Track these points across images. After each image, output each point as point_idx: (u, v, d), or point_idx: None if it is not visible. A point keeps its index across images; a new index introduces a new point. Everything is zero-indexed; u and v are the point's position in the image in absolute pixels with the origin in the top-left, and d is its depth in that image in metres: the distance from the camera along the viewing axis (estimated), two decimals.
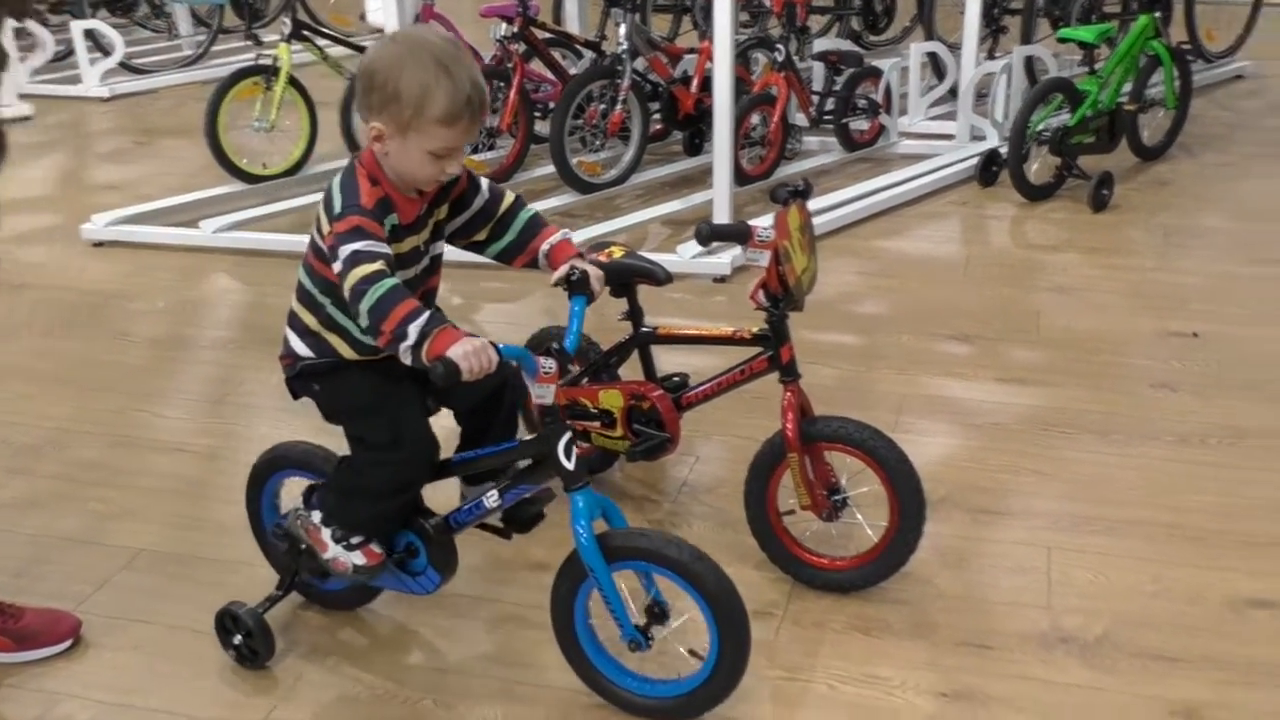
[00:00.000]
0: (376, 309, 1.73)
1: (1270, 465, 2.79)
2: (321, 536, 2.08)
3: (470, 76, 1.78)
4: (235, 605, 2.19)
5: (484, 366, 1.71)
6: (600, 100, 4.80)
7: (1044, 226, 4.52)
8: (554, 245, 2.01)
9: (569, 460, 1.89)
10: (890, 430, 2.35)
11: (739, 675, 1.94)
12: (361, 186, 1.82)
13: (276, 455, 2.28)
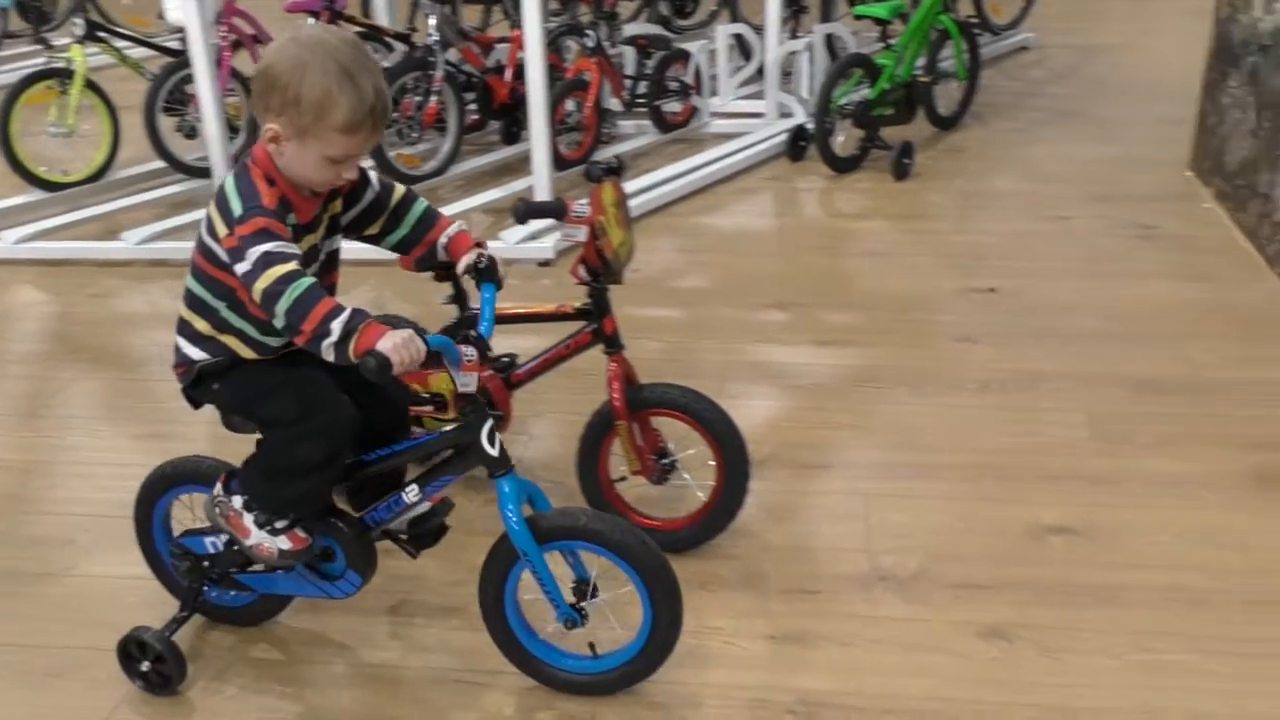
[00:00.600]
0: (295, 309, 1.70)
1: (1063, 404, 3.01)
2: (244, 522, 2.01)
3: (375, 84, 1.75)
4: (140, 630, 2.11)
5: (414, 357, 1.70)
6: (414, 93, 4.79)
7: (852, 196, 4.73)
8: (452, 237, 2.02)
9: (493, 446, 1.89)
10: (715, 397, 2.45)
11: (674, 640, 1.99)
12: (259, 187, 1.79)
13: (169, 472, 2.19)
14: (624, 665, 2.04)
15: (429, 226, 2.02)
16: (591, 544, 1.94)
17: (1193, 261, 3.90)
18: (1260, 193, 3.84)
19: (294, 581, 2.11)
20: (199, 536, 2.14)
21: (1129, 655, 2.13)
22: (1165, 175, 4.72)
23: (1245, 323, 3.42)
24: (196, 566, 2.14)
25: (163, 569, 2.26)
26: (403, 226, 2.01)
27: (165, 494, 2.20)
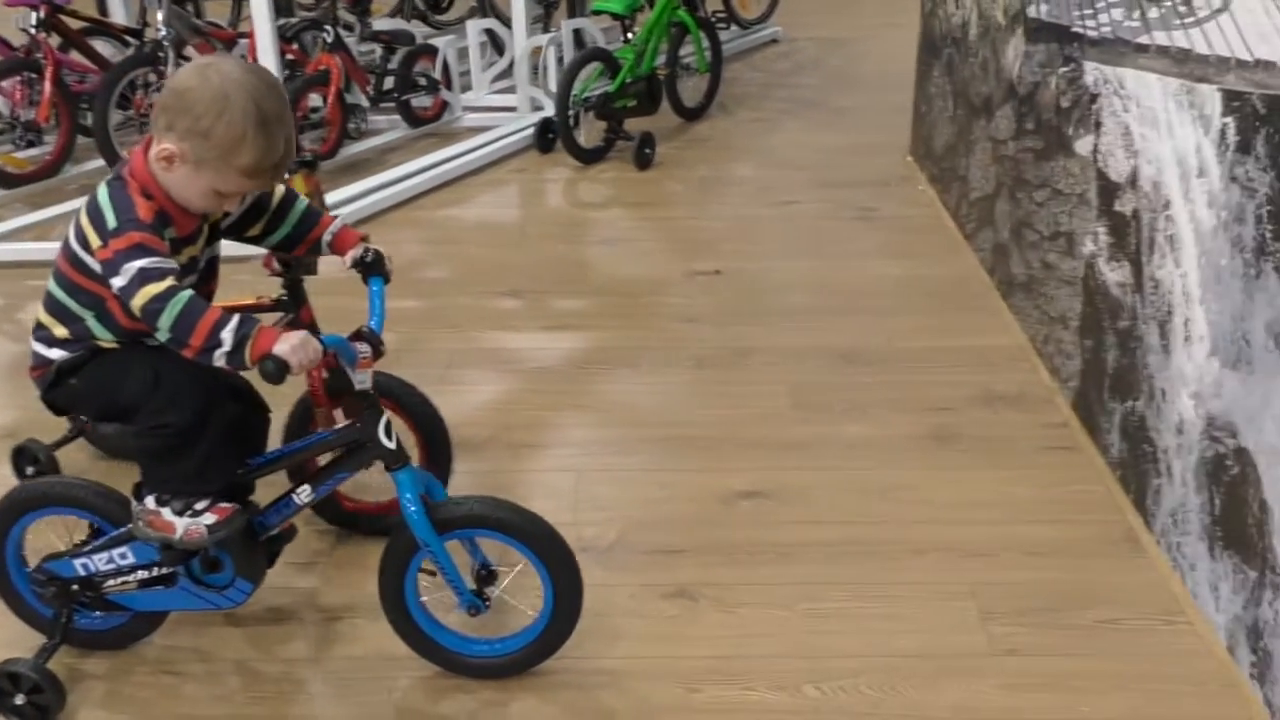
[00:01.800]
0: (180, 324, 1.69)
1: (769, 378, 3.21)
2: (164, 517, 1.94)
3: (286, 136, 1.77)
4: (10, 663, 2.01)
5: (311, 358, 1.71)
6: (147, 88, 4.68)
7: (595, 186, 4.87)
8: (336, 234, 2.03)
9: (390, 440, 1.92)
10: (437, 383, 2.53)
11: (577, 615, 2.05)
12: (135, 200, 1.75)
13: (22, 497, 2.09)
14: (529, 645, 2.08)
15: (311, 225, 2.03)
16: (490, 530, 1.99)
17: (903, 241, 4.19)
18: (960, 175, 4.15)
19: (177, 596, 2.06)
20: (67, 559, 2.06)
21: (798, 605, 2.30)
22: (889, 161, 5.03)
23: (941, 297, 3.70)
24: (64, 591, 2.06)
25: (20, 602, 2.16)
26: (284, 226, 2.01)
27: (18, 520, 2.10)
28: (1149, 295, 2.48)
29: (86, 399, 1.96)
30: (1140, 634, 2.23)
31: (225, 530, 1.96)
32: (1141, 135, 2.52)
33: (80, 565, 2.05)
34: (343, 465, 2.00)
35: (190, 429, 1.88)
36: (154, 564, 2.03)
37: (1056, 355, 3.07)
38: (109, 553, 2.04)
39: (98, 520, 2.08)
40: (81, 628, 2.13)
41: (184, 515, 1.94)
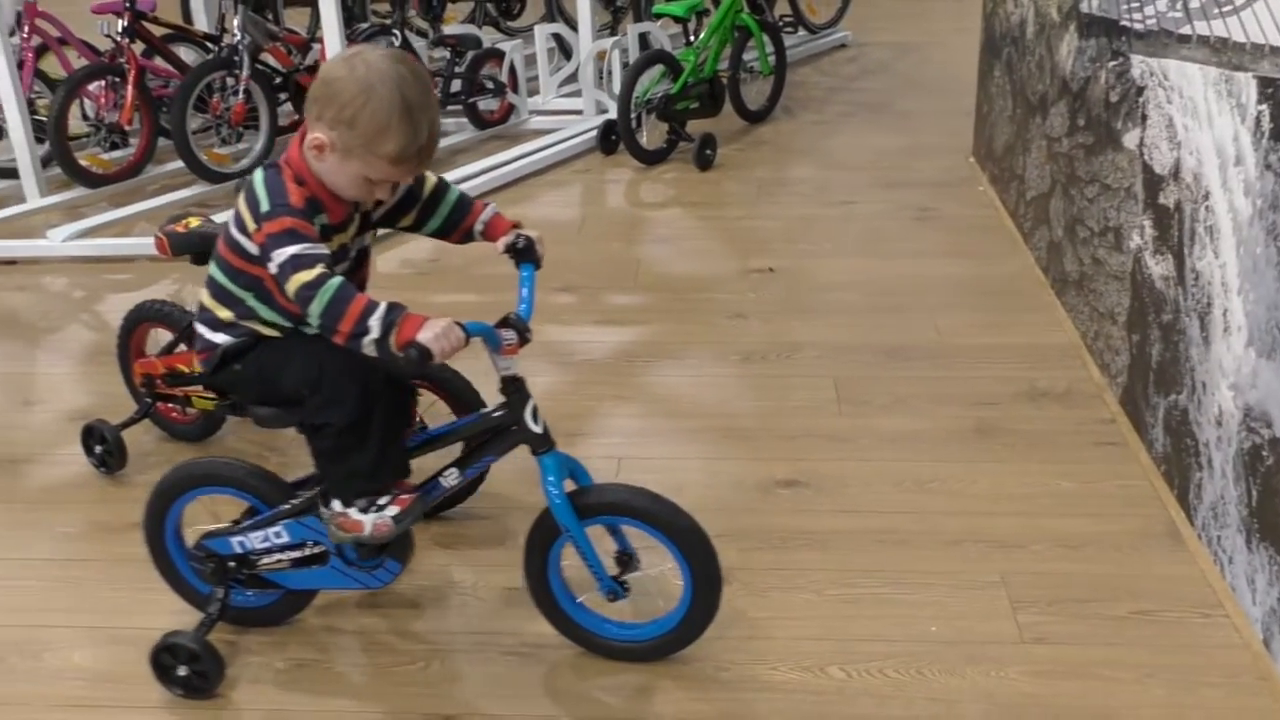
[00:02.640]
0: (329, 311, 1.73)
1: (815, 372, 3.23)
2: (352, 518, 1.99)
3: (430, 122, 1.78)
4: (171, 636, 2.07)
5: (454, 345, 1.72)
6: (223, 92, 4.84)
7: (655, 186, 4.93)
8: (488, 221, 2.06)
9: (537, 424, 1.95)
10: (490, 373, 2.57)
11: (715, 608, 2.06)
12: (288, 186, 1.80)
13: (181, 476, 2.14)
14: (668, 633, 2.10)
15: (464, 213, 2.06)
16: (632, 519, 2.01)
17: (960, 240, 4.17)
18: (1017, 174, 4.13)
19: (328, 575, 2.11)
20: (224, 537, 2.12)
21: (828, 590, 2.33)
22: (950, 162, 5.01)
23: (994, 294, 3.68)
24: (221, 568, 2.12)
25: (178, 578, 2.23)
26: (436, 218, 2.05)
27: (177, 499, 2.16)
28: (1190, 287, 2.46)
29: (248, 384, 2.01)
30: (1174, 626, 2.21)
31: (411, 518, 2.01)
32: (1184, 126, 2.51)
33: (237, 543, 2.11)
34: (489, 449, 2.02)
35: (354, 426, 1.92)
36: (306, 543, 2.09)
37: (1105, 351, 3.05)
38: (264, 531, 2.09)
39: (253, 499, 2.13)
40: (236, 605, 2.18)
41: (369, 512, 1.99)
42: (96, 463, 2.81)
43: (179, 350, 2.76)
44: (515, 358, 1.92)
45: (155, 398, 2.84)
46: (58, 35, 5.22)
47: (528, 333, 1.94)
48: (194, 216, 2.70)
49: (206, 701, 2.09)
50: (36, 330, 3.74)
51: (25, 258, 4.29)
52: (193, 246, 2.63)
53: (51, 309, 3.91)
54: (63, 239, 4.29)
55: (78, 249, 4.28)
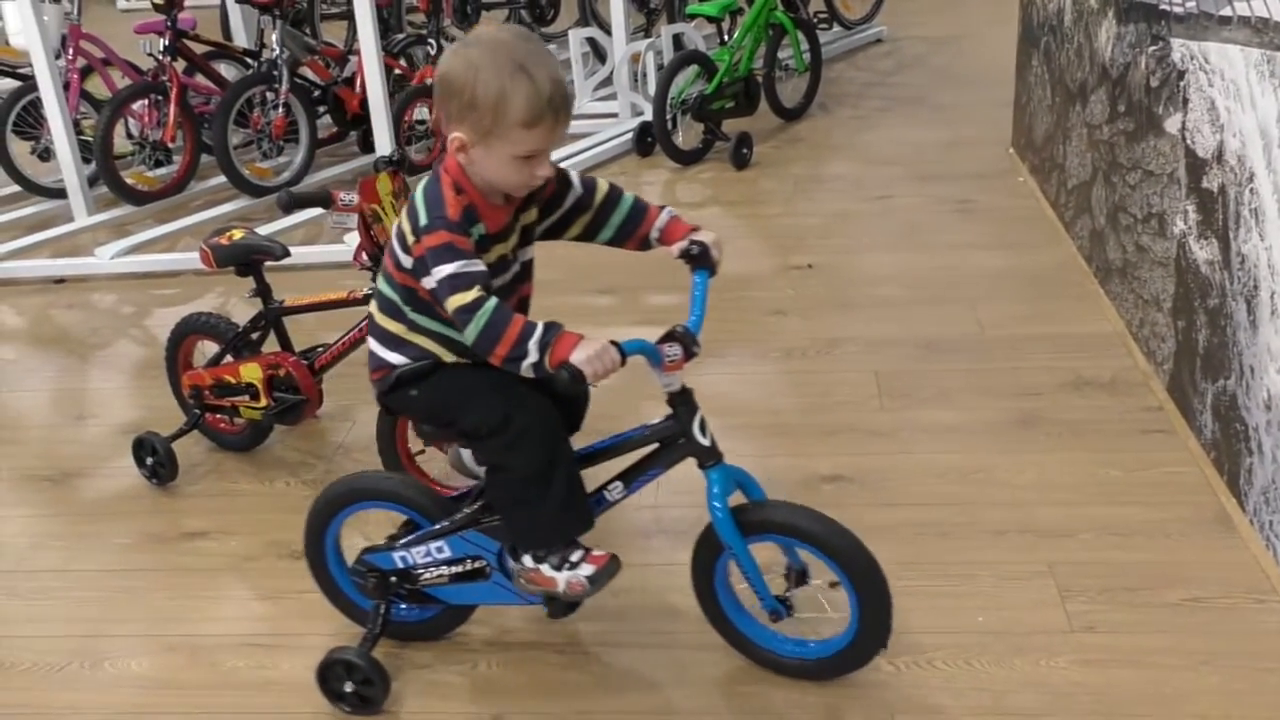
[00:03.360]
0: (485, 335, 1.69)
1: (856, 366, 3.22)
2: (545, 574, 1.94)
3: (550, 75, 1.69)
4: (339, 651, 2.05)
5: (608, 368, 1.68)
6: (263, 106, 4.91)
7: (692, 186, 4.94)
8: (663, 229, 1.99)
9: (705, 437, 1.89)
10: None
11: (885, 632, 1.96)
12: (446, 196, 1.75)
13: (341, 492, 2.12)
14: (837, 654, 2.02)
15: (639, 220, 1.98)
16: (795, 539, 1.95)
17: (1001, 232, 4.14)
18: (1058, 164, 4.09)
19: (489, 590, 2.07)
20: (386, 552, 2.09)
21: None
22: (989, 154, 4.97)
23: (1036, 284, 3.65)
24: (383, 583, 2.09)
25: (337, 592, 2.21)
26: (608, 228, 1.97)
27: (337, 515, 2.14)
28: (1236, 271, 2.43)
29: (422, 410, 1.97)
30: (1227, 613, 2.19)
31: (607, 579, 1.93)
32: (1226, 109, 2.48)
33: (399, 558, 2.07)
34: (656, 461, 1.95)
35: (538, 475, 1.87)
36: (467, 559, 2.04)
37: (1151, 339, 3.02)
38: (426, 546, 2.05)
39: (413, 514, 2.10)
40: (396, 619, 2.16)
41: (563, 570, 1.92)
42: (148, 474, 2.85)
43: (225, 361, 2.80)
44: (679, 373, 1.87)
45: (204, 409, 2.88)
46: (101, 56, 5.32)
47: (695, 346, 1.87)
48: (236, 229, 2.75)
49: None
50: (87, 346, 3.81)
51: (74, 275, 4.37)
52: (236, 258, 2.68)
53: (101, 325, 3.98)
54: (110, 256, 4.37)
55: (125, 265, 4.36)
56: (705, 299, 1.94)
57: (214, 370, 2.80)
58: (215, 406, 2.86)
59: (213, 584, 2.48)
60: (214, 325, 2.86)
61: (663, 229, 1.99)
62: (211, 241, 2.70)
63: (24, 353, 3.83)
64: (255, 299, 2.77)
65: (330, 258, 4.13)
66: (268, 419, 2.74)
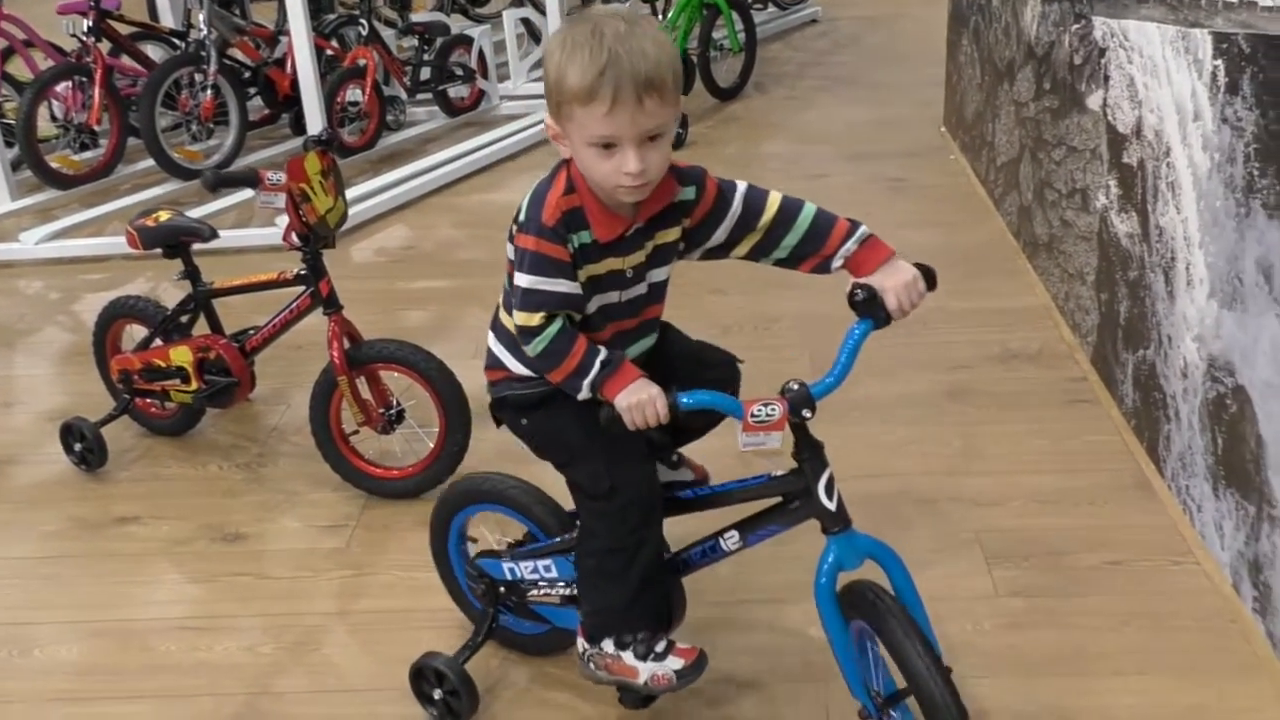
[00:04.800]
0: (543, 359, 1.61)
1: (791, 343, 3.27)
2: (625, 663, 1.79)
3: (625, 49, 1.48)
4: (431, 657, 1.96)
5: (648, 421, 1.53)
6: (191, 88, 4.84)
7: None
8: (851, 255, 1.68)
9: (830, 500, 1.66)
10: (469, 357, 2.58)
11: None
12: (550, 195, 1.60)
13: (462, 490, 2.05)
14: None
15: (817, 242, 1.69)
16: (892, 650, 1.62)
17: (932, 209, 4.20)
18: (988, 141, 4.15)
19: None
20: (497, 560, 1.99)
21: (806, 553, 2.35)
22: (921, 132, 5.03)
23: (967, 260, 3.71)
24: (492, 590, 2.00)
25: (456, 586, 2.13)
26: (780, 249, 1.71)
27: (459, 512, 2.07)
28: (1154, 243, 2.49)
29: (530, 442, 1.82)
30: (1147, 574, 2.25)
31: (695, 675, 1.77)
32: (1144, 85, 2.53)
33: (508, 569, 1.97)
34: (776, 519, 1.76)
35: (627, 546, 1.73)
36: (574, 583, 1.88)
37: (1076, 311, 3.09)
38: (534, 562, 1.94)
39: (532, 526, 1.98)
40: (506, 626, 2.07)
41: (648, 660, 1.77)
42: (77, 460, 2.82)
43: (155, 345, 2.77)
44: (765, 436, 1.60)
45: (133, 393, 2.85)
46: (23, 38, 5.21)
47: (805, 410, 1.60)
48: (164, 211, 2.72)
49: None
50: (13, 333, 3.74)
51: None
52: (163, 240, 2.65)
53: (27, 311, 3.91)
54: (35, 241, 4.29)
55: (51, 251, 4.28)
56: (855, 355, 1.65)
57: (143, 354, 2.77)
58: (145, 391, 2.82)
59: (144, 569, 2.46)
60: (142, 309, 2.83)
61: (851, 255, 1.68)
62: (138, 223, 2.66)
63: None
64: (184, 281, 2.73)
65: (262, 241, 4.09)
66: (199, 402, 2.71)
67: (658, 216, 1.65)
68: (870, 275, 1.67)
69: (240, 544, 2.51)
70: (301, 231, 2.44)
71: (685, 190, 1.67)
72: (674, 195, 1.65)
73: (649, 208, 1.63)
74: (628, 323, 1.72)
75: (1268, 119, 1.96)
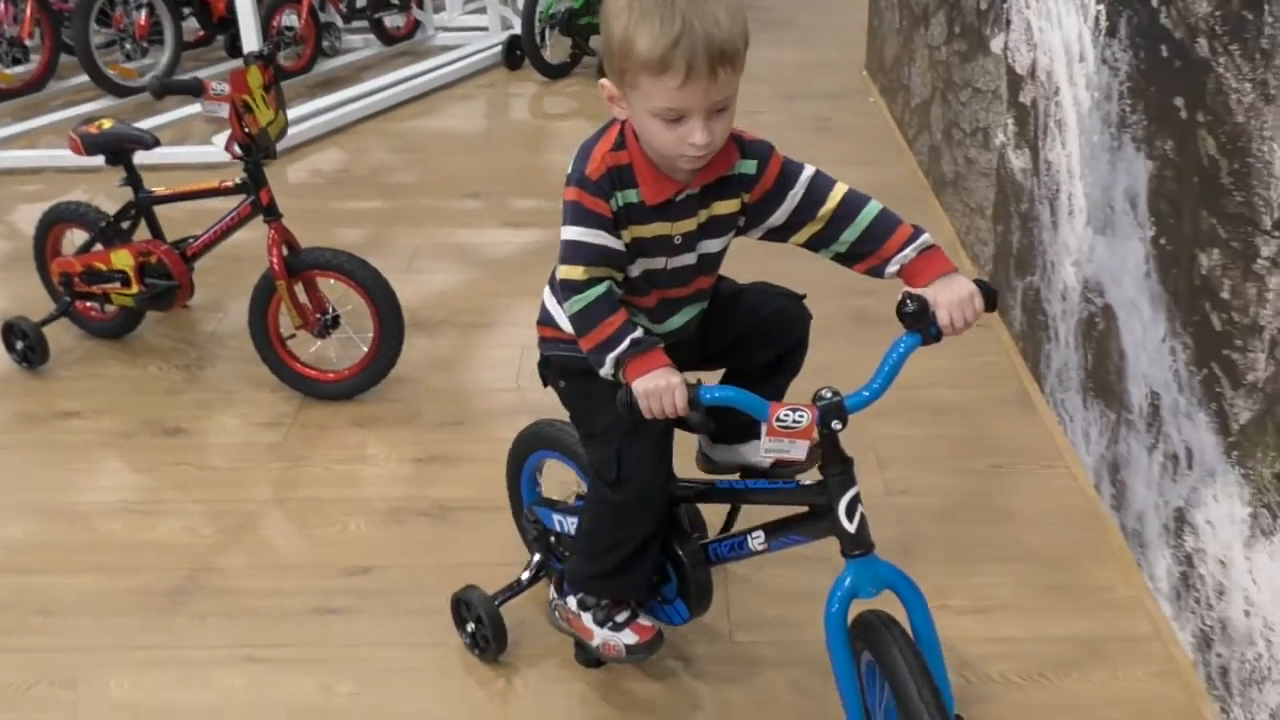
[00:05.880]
0: (578, 320, 1.55)
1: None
2: (584, 623, 1.82)
3: (699, 19, 1.38)
4: (472, 591, 1.97)
5: (664, 411, 1.46)
6: (125, 5, 4.85)
7: (559, 100, 5.08)
8: (907, 263, 1.61)
9: (851, 521, 1.55)
10: (401, 272, 2.74)
11: None
12: (597, 149, 1.55)
13: (533, 432, 2.03)
14: None
15: (874, 244, 1.62)
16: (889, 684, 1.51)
17: (852, 148, 4.39)
18: (904, 84, 4.34)
19: None
20: (550, 510, 1.98)
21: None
22: (846, 75, 5.22)
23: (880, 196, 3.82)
24: (544, 538, 1.99)
25: (524, 529, 2.12)
26: (838, 244, 1.64)
27: (531, 454, 2.06)
28: (1043, 177, 2.69)
29: (565, 405, 1.80)
30: (1022, 477, 2.48)
31: (643, 655, 1.79)
32: (1039, 28, 2.73)
33: (558, 521, 1.95)
34: (799, 529, 1.68)
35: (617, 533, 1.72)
36: None
37: (976, 244, 3.30)
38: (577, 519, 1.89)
39: (586, 480, 1.90)
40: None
41: (604, 627, 1.79)
42: (18, 359, 2.91)
43: (96, 249, 2.87)
44: (790, 443, 1.51)
45: (74, 296, 2.95)
46: None
47: (836, 422, 1.51)
48: (106, 119, 2.80)
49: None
50: None
51: None
52: (106, 146, 2.74)
53: None
54: None
55: None
56: (897, 370, 1.58)
57: (84, 257, 2.87)
58: (85, 294, 2.92)
59: (87, 458, 2.58)
60: (83, 213, 2.92)
61: (906, 263, 1.61)
62: (81, 130, 2.75)
63: None
64: (125, 188, 2.83)
65: (200, 158, 4.16)
66: (140, 304, 2.82)
67: (714, 186, 1.59)
68: (925, 286, 1.58)
69: (181, 438, 2.64)
70: (244, 141, 2.55)
71: (745, 164, 1.60)
72: (732, 166, 1.59)
73: (704, 175, 1.56)
74: (674, 291, 1.66)
75: (1139, 59, 2.16)
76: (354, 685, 1.94)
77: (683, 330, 1.71)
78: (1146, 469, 2.14)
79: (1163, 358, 2.06)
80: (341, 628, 2.07)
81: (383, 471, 2.51)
